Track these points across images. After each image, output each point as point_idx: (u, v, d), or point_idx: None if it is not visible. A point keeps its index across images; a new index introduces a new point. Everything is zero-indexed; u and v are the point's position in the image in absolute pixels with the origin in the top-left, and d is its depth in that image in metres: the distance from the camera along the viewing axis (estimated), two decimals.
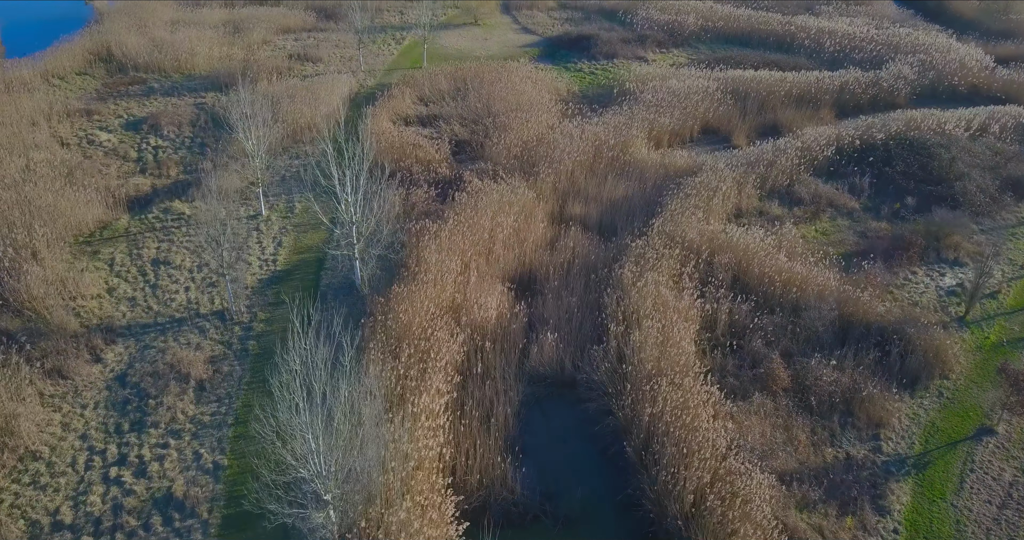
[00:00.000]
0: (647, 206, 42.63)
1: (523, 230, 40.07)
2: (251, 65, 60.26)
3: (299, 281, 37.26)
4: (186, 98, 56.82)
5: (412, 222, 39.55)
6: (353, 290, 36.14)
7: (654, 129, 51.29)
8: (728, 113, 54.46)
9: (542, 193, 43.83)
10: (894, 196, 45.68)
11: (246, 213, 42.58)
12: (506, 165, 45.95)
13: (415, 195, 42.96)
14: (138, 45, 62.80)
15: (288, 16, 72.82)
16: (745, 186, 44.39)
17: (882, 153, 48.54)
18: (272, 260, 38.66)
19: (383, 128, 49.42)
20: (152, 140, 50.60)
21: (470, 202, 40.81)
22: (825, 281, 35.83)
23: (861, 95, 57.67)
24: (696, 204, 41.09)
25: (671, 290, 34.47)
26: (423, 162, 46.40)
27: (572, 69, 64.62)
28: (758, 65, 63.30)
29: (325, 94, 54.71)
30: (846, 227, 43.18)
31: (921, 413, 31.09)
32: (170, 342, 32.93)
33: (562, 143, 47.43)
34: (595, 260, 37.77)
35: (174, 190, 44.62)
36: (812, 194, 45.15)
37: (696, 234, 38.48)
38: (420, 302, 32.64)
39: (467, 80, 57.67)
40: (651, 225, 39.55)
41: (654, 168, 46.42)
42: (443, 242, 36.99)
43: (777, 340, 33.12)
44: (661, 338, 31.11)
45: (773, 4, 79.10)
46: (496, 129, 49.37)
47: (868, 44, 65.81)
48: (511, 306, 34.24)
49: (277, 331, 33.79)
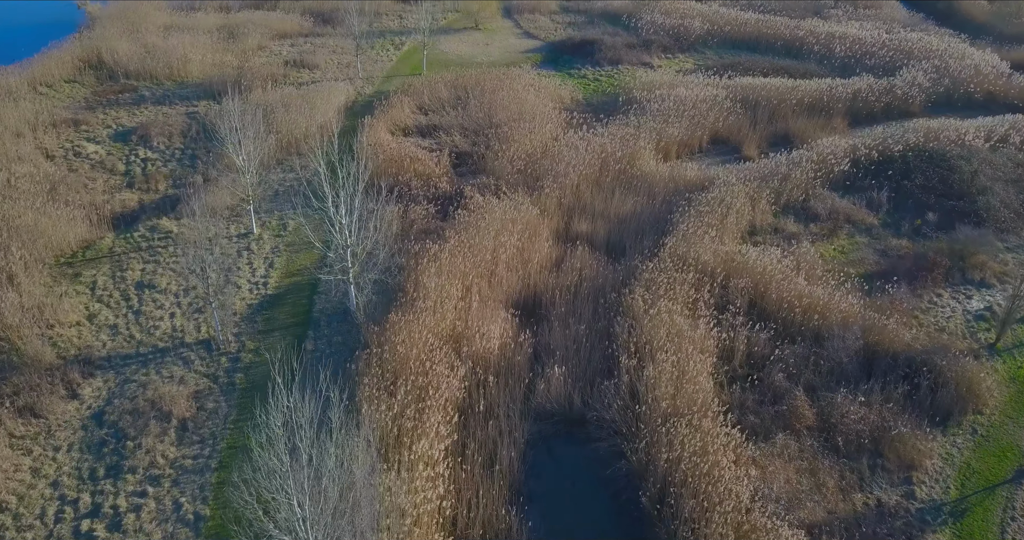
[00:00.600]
0: (657, 223, 40.23)
1: (527, 250, 37.69)
2: (245, 72, 57.86)
3: (291, 306, 34.86)
4: (178, 107, 54.40)
5: (411, 242, 37.10)
6: (348, 316, 33.75)
7: (662, 140, 48.86)
8: (738, 122, 52.02)
9: (547, 209, 41.44)
10: (914, 211, 43.26)
11: (236, 231, 40.17)
12: (509, 179, 43.53)
13: (414, 212, 40.54)
14: (130, 51, 60.35)
15: (284, 21, 70.34)
16: (759, 201, 41.98)
17: (900, 166, 46.10)
18: (263, 283, 36.26)
19: (380, 140, 47.00)
20: (141, 152, 48.18)
21: (471, 220, 38.40)
22: (848, 307, 33.41)
23: (875, 103, 55.22)
24: (709, 222, 38.68)
25: (685, 318, 32.06)
26: (422, 176, 43.98)
27: (576, 75, 62.17)
28: (767, 71, 60.85)
29: (321, 103, 52.26)
30: (865, 245, 40.75)
31: (955, 453, 28.71)
32: (152, 375, 30.53)
33: (567, 156, 45.02)
34: (603, 283, 35.38)
35: (162, 206, 42.22)
36: (829, 209, 42.72)
37: (710, 256, 36.07)
38: (418, 332, 30.26)
39: (468, 88, 55.23)
40: (662, 245, 37.19)
41: (663, 182, 43.99)
42: (443, 265, 34.60)
43: (799, 372, 30.72)
44: (676, 373, 28.73)
45: (780, 7, 76.60)
46: (498, 140, 46.93)
47: (879, 49, 63.31)
48: (515, 335, 31.84)
49: (266, 362, 31.41)
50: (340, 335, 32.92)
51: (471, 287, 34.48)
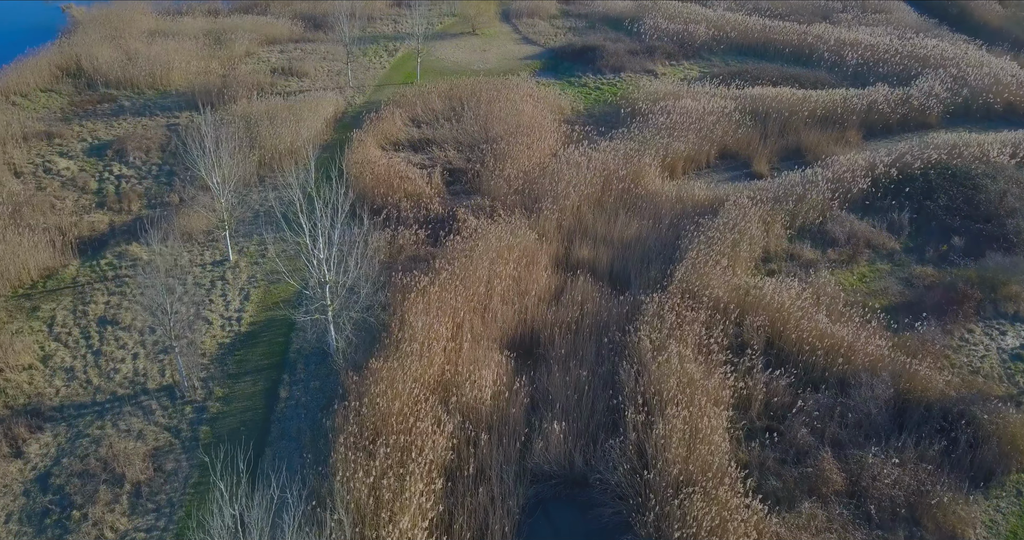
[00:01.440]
0: (664, 249, 36.81)
1: (524, 279, 34.29)
2: (230, 82, 54.39)
3: (266, 345, 31.47)
4: (158, 118, 50.96)
5: (398, 272, 33.69)
6: (328, 358, 30.35)
7: (668, 156, 45.41)
8: (747, 136, 48.58)
9: (545, 233, 38.02)
10: (938, 235, 39.83)
11: (211, 258, 36.77)
12: (505, 200, 40.11)
13: (403, 237, 37.14)
14: (110, 58, 56.86)
15: (274, 25, 66.80)
16: (773, 225, 38.58)
17: (921, 184, 42.65)
18: (237, 318, 32.85)
19: (369, 157, 43.56)
20: (116, 168, 44.75)
21: (464, 248, 35.00)
22: (875, 349, 29.99)
23: (890, 115, 51.76)
24: (720, 250, 35.25)
25: (697, 363, 28.66)
26: (413, 197, 40.55)
27: (576, 84, 58.70)
28: (777, 80, 57.40)
29: (308, 115, 48.81)
30: (887, 272, 37.35)
31: (999, 519, 25.35)
32: (107, 429, 27.15)
33: (567, 174, 41.58)
34: (607, 318, 31.97)
35: (133, 229, 38.74)
36: (847, 233, 39.29)
37: (722, 289, 32.68)
38: (402, 381, 26.86)
39: (463, 99, 51.75)
40: (670, 275, 33.82)
41: (670, 202, 40.56)
42: (432, 300, 31.21)
43: (823, 426, 27.33)
44: (689, 431, 25.35)
45: (787, 11, 73.07)
46: (494, 157, 43.49)
47: (893, 56, 59.80)
48: (510, 381, 28.42)
49: (236, 412, 28.07)
50: (318, 379, 29.55)
51: (463, 324, 31.10)
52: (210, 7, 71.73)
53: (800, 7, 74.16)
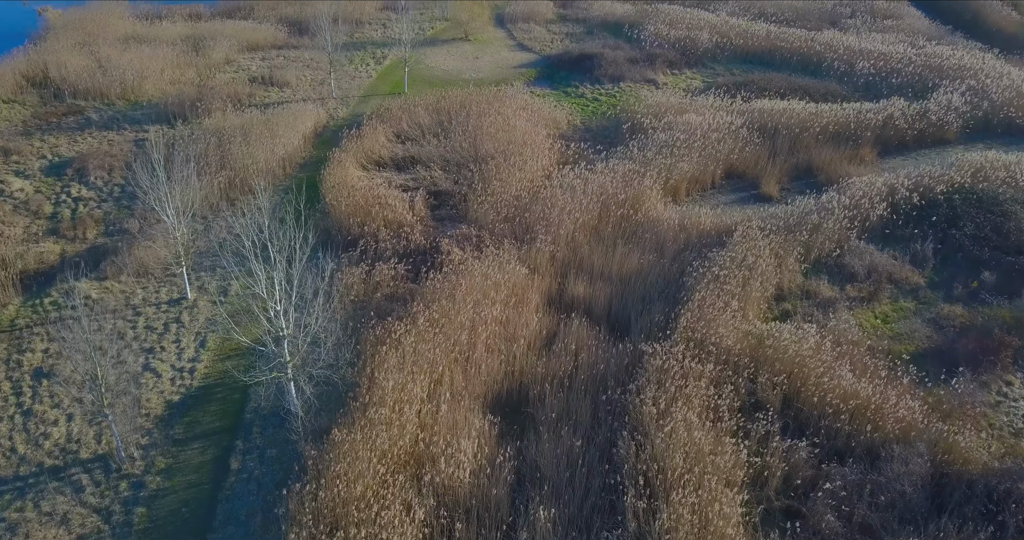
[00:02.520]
0: (667, 286, 32.81)
1: (513, 322, 30.31)
2: (205, 92, 50.29)
3: (220, 402, 27.47)
4: (126, 132, 46.89)
5: (369, 320, 29.67)
6: (288, 420, 26.33)
7: (671, 177, 41.36)
8: (755, 154, 44.51)
9: (537, 267, 34.04)
10: (965, 268, 35.84)
11: (168, 295, 32.77)
12: (493, 229, 36.08)
13: (380, 273, 33.10)
14: (80, 67, 52.77)
15: (257, 31, 62.63)
16: (786, 258, 34.55)
17: (946, 211, 38.61)
18: (189, 370, 28.83)
19: (347, 179, 39.50)
20: (74, 189, 40.71)
21: (446, 286, 30.99)
22: (907, 412, 25.99)
23: (907, 131, 47.67)
24: (729, 290, 31.26)
25: (705, 432, 24.66)
26: (393, 225, 36.50)
27: (573, 94, 54.62)
28: (785, 91, 53.28)
29: (285, 131, 44.73)
30: (912, 312, 33.37)
31: None
32: (28, 511, 23.16)
33: (561, 199, 37.55)
34: (604, 371, 27.97)
35: (86, 260, 34.72)
36: (867, 266, 35.27)
37: (733, 338, 28.71)
38: (367, 459, 22.90)
39: (452, 112, 47.66)
40: (674, 319, 29.85)
41: (673, 231, 36.54)
42: (407, 353, 27.22)
43: (851, 507, 23.36)
44: (698, 522, 21.40)
45: (793, 17, 68.90)
46: (483, 180, 39.43)
47: (906, 66, 55.67)
48: (493, 452, 24.43)
49: (179, 488, 24.11)
50: (275, 446, 25.56)
51: (442, 378, 27.14)
52: (191, 10, 67.53)
53: (807, 12, 69.98)
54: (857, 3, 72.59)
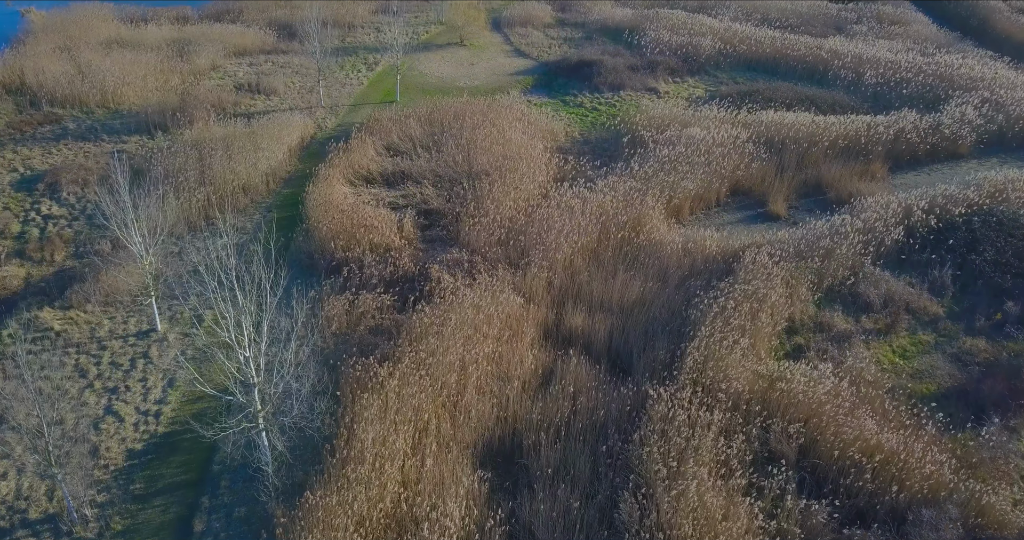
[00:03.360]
0: (671, 318, 30.32)
1: (506, 359, 27.86)
2: (188, 100, 47.63)
3: (185, 453, 24.94)
4: (104, 143, 44.25)
5: (352, 355, 27.16)
6: (259, 474, 23.79)
7: (674, 195, 38.86)
8: (762, 170, 41.99)
9: (533, 295, 31.54)
10: (987, 296, 33.40)
11: (136, 326, 30.22)
12: (486, 254, 33.55)
13: (364, 303, 30.55)
14: (59, 73, 50.03)
15: (244, 35, 59.83)
16: (798, 288, 32.09)
17: (964, 234, 36.15)
18: (155, 413, 26.30)
19: (333, 197, 36.90)
20: (45, 206, 38.13)
21: (435, 321, 28.46)
22: (935, 468, 23.55)
23: (919, 145, 45.18)
24: (739, 325, 28.78)
25: (716, 493, 22.20)
26: (379, 249, 33.96)
27: (571, 103, 52.05)
28: (791, 102, 50.76)
29: (269, 143, 42.13)
30: (932, 345, 30.93)
31: None
32: None
33: (558, 221, 35.01)
34: (605, 417, 25.51)
35: (52, 286, 32.24)
36: (883, 296, 32.80)
37: (743, 380, 26.25)
38: (343, 526, 20.42)
39: (445, 124, 45.05)
40: (680, 358, 27.39)
41: (676, 256, 34.03)
42: (390, 398, 24.72)
43: None
44: None
45: (799, 23, 66.26)
46: (476, 200, 36.88)
47: (916, 76, 53.12)
48: (483, 514, 21.97)
49: None
50: (245, 504, 23.08)
51: (428, 426, 24.66)
52: (178, 13, 64.78)
53: (812, 18, 67.37)
54: (863, 8, 70.02)
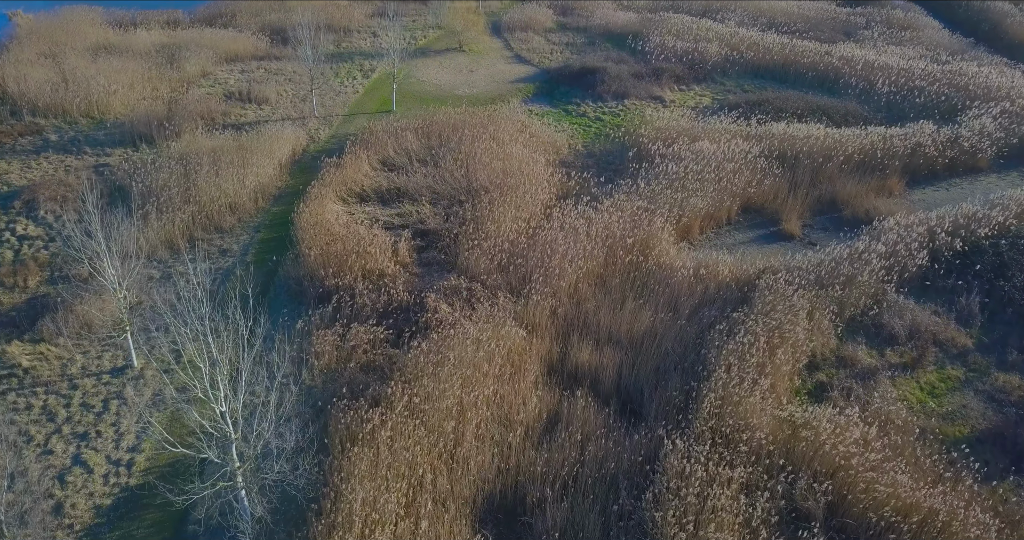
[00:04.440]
0: (684, 352, 27.98)
1: (508, 401, 25.54)
2: (176, 110, 45.19)
3: (158, 510, 22.56)
4: (86, 157, 41.80)
5: (342, 397, 24.82)
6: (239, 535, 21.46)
7: (683, 215, 36.50)
8: (774, 186, 39.63)
9: (536, 326, 29.20)
10: (1018, 327, 31.13)
11: (111, 362, 27.83)
12: (486, 281, 31.19)
13: (356, 336, 28.18)
14: (42, 80, 47.58)
15: (237, 40, 57.29)
16: (819, 320, 29.75)
17: (991, 258, 33.86)
18: (127, 462, 23.94)
19: (324, 219, 34.51)
20: (21, 225, 35.73)
21: (431, 360, 26.10)
22: (981, 530, 21.24)
23: (937, 158, 42.86)
24: (757, 362, 26.45)
25: None
26: (372, 276, 31.58)
27: (574, 113, 49.65)
28: (802, 112, 48.38)
29: (259, 158, 39.71)
30: (962, 382, 28.62)
31: None
32: None
33: (562, 244, 32.65)
34: (615, 468, 23.21)
35: (22, 316, 29.84)
36: (908, 326, 30.47)
37: (764, 428, 23.93)
38: None
39: (443, 136, 42.65)
40: (695, 399, 25.09)
41: (688, 282, 31.65)
42: (381, 451, 22.39)
43: None
44: None
45: (806, 28, 63.83)
46: (475, 220, 34.50)
47: (930, 84, 50.74)
48: None
49: None
50: None
51: (423, 480, 22.32)
52: (169, 17, 62.26)
53: (820, 22, 64.96)
54: (872, 13, 67.59)
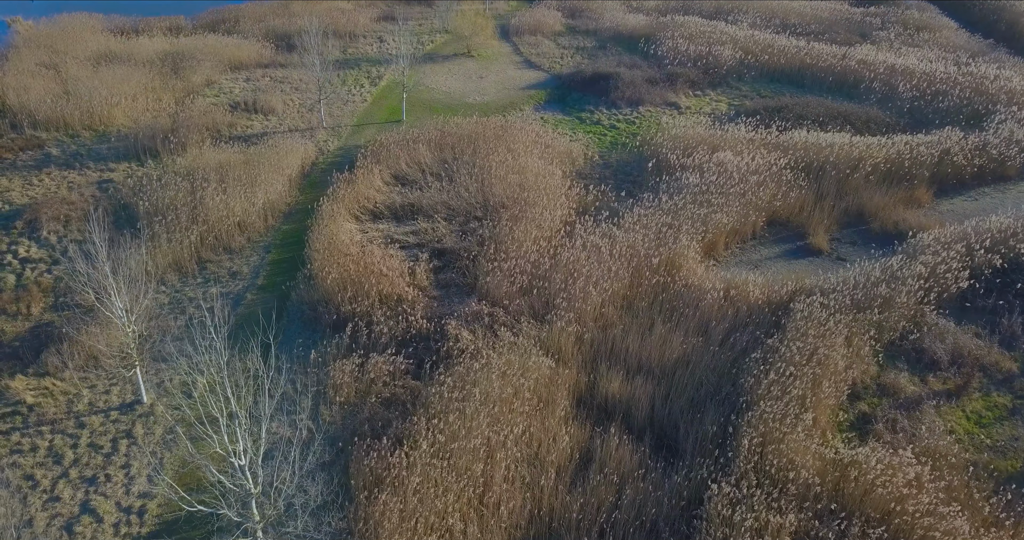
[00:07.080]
0: (719, 380, 26.55)
1: (538, 438, 24.12)
2: (181, 122, 43.62)
3: None
4: (89, 172, 40.27)
5: (363, 443, 23.35)
6: None
7: (708, 231, 34.98)
8: (800, 199, 38.14)
9: (563, 354, 27.73)
10: None
11: (120, 397, 26.36)
12: (508, 306, 29.69)
13: (375, 367, 26.69)
14: (43, 92, 46.05)
15: (241, 47, 55.62)
16: (859, 346, 28.26)
17: None
18: (139, 509, 22.47)
19: (338, 239, 32.99)
20: (23, 247, 34.23)
21: (456, 396, 24.64)
22: None
23: (965, 167, 41.34)
24: (799, 395, 24.98)
25: None
26: (390, 301, 30.07)
27: (588, 121, 48.09)
28: (823, 118, 46.82)
29: (268, 172, 38.23)
30: (1009, 410, 27.16)
31: None
32: None
33: (586, 265, 31.17)
34: (655, 514, 21.77)
35: (26, 347, 28.36)
36: (950, 350, 28.99)
37: (811, 468, 22.47)
38: None
39: (457, 149, 41.10)
40: (733, 435, 23.65)
41: (718, 303, 30.16)
42: (410, 501, 20.92)
43: None
44: None
45: (821, 29, 62.19)
46: (494, 240, 32.99)
47: (952, 88, 49.15)
48: None
49: None
50: None
51: (451, 530, 20.87)
52: (171, 23, 60.64)
53: (834, 23, 63.32)
54: (887, 13, 65.92)
